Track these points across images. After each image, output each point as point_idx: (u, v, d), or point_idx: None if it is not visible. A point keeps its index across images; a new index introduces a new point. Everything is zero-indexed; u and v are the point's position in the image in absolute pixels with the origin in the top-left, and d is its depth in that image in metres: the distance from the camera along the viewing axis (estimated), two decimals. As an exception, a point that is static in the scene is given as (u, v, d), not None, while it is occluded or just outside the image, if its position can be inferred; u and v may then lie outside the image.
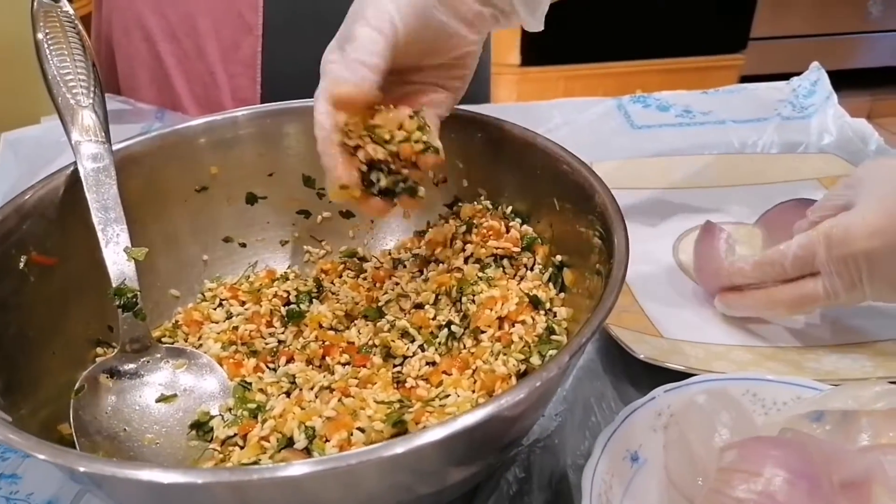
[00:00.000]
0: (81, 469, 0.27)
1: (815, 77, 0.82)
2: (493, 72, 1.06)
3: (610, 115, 0.81)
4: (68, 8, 0.48)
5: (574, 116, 0.81)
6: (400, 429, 0.35)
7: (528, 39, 1.97)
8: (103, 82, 0.47)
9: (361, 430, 0.35)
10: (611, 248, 0.37)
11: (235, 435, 0.37)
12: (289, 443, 0.35)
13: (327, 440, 0.35)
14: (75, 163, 0.43)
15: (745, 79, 2.04)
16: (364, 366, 0.42)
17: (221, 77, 0.93)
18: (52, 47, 0.46)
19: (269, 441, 0.35)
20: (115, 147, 0.45)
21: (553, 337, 0.40)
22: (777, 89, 0.85)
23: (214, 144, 0.49)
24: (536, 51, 1.99)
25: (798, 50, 2.07)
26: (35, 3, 0.47)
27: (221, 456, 0.36)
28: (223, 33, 0.92)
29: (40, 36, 0.46)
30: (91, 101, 0.45)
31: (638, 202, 0.64)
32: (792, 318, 0.49)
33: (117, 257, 0.41)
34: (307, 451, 0.35)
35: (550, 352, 0.39)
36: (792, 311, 0.47)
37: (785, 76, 0.87)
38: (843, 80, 0.95)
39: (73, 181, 0.43)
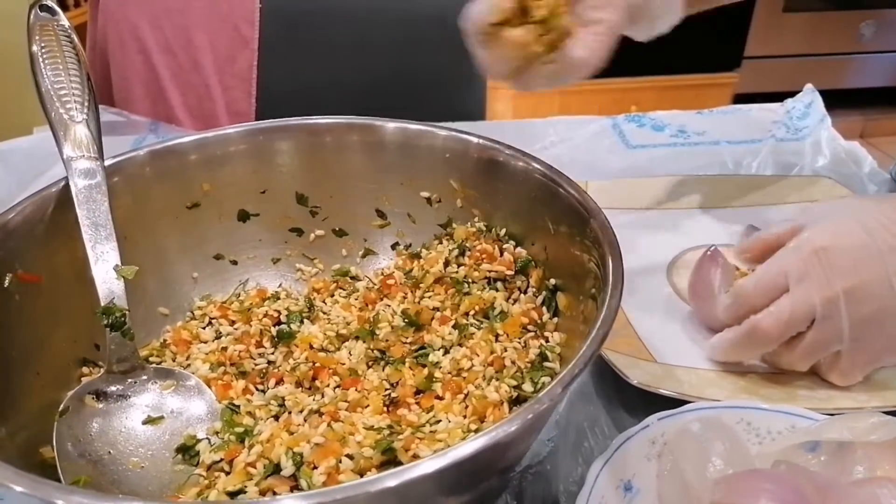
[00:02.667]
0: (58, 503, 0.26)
1: (809, 99, 0.83)
2: (490, 86, 1.06)
3: (605, 133, 0.82)
4: (65, 21, 0.48)
5: (569, 134, 0.81)
6: (389, 456, 0.35)
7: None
8: (98, 93, 0.47)
9: (350, 457, 0.34)
10: (605, 275, 0.37)
11: (222, 460, 0.37)
12: (275, 469, 0.35)
13: (315, 467, 0.34)
14: (64, 178, 0.43)
15: (739, 97, 2.07)
16: (354, 388, 0.42)
17: (216, 90, 0.93)
18: (46, 60, 0.45)
19: (255, 467, 0.35)
20: (106, 163, 0.44)
21: (546, 364, 0.40)
22: (771, 111, 0.85)
23: (207, 161, 0.49)
24: (532, 66, 1.99)
25: (791, 69, 2.08)
26: (32, 16, 0.47)
27: (207, 482, 0.36)
28: (219, 47, 0.92)
29: (35, 49, 0.45)
30: (85, 116, 0.45)
31: (632, 222, 0.64)
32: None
33: (106, 275, 0.41)
34: (294, 479, 0.34)
35: (543, 379, 0.39)
36: (768, 338, 0.45)
37: (778, 95, 0.88)
38: (836, 100, 0.95)
39: (62, 197, 0.43)
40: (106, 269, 0.41)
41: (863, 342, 0.43)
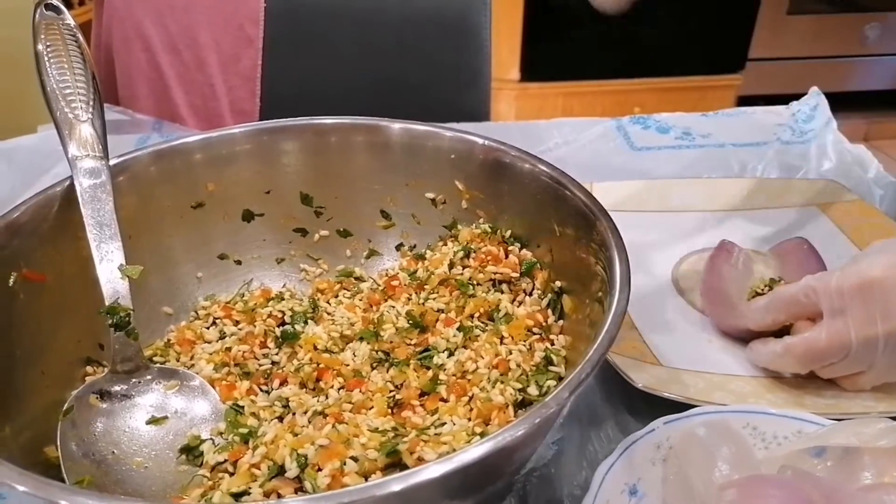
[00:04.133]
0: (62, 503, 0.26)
1: (815, 102, 0.82)
2: (493, 87, 1.06)
3: (609, 135, 0.81)
4: (70, 20, 0.48)
5: (573, 136, 0.81)
6: (394, 458, 0.34)
7: (528, 55, 1.98)
8: (102, 92, 0.47)
9: (355, 458, 0.34)
10: (612, 278, 0.36)
11: (226, 461, 0.36)
12: (280, 471, 0.34)
13: (319, 469, 0.34)
14: (69, 177, 0.43)
15: (743, 99, 2.07)
16: (359, 389, 0.41)
17: (221, 89, 0.93)
18: (51, 59, 0.45)
19: (259, 468, 0.35)
20: (111, 162, 0.44)
21: (551, 367, 0.40)
22: (776, 113, 0.85)
23: (211, 161, 0.49)
24: (536, 67, 1.99)
25: (795, 72, 2.08)
26: (37, 14, 0.47)
27: (210, 483, 0.36)
28: (224, 45, 0.92)
29: (40, 47, 0.45)
30: (90, 115, 0.45)
31: (637, 225, 0.63)
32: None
33: (111, 275, 0.41)
34: (298, 480, 0.34)
35: (548, 382, 0.39)
36: (802, 362, 0.44)
37: (782, 97, 0.88)
38: (840, 103, 0.95)
39: (67, 196, 0.42)
40: (111, 269, 0.41)
41: (889, 375, 0.43)
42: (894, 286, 0.41)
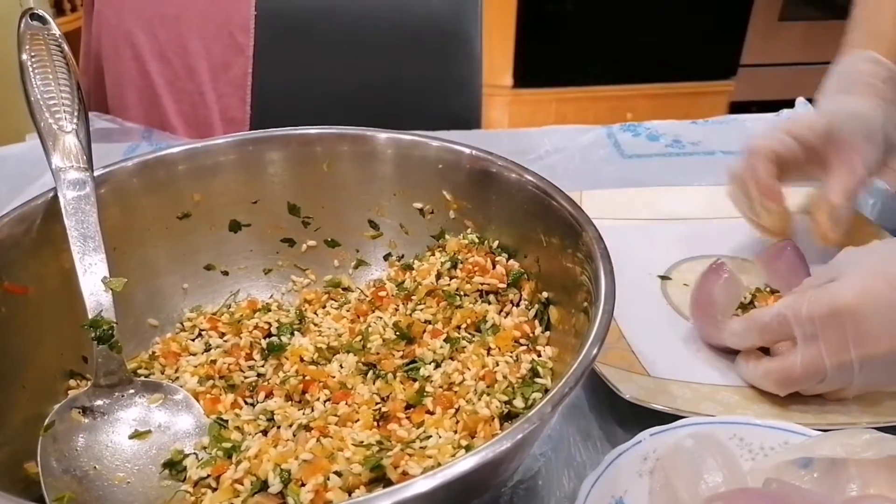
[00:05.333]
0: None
1: (804, 111, 0.83)
2: (486, 93, 1.06)
3: (600, 143, 0.81)
4: (56, 30, 0.48)
5: (564, 144, 0.81)
6: (378, 473, 0.34)
7: (520, 62, 1.98)
8: (91, 100, 0.47)
9: (339, 473, 0.34)
10: (597, 290, 0.36)
11: (209, 476, 0.36)
12: (263, 486, 0.34)
13: (303, 484, 0.34)
14: (53, 189, 0.42)
15: (735, 105, 2.08)
16: (345, 402, 0.41)
17: (211, 97, 0.93)
18: (36, 69, 0.45)
19: (242, 484, 0.34)
20: (95, 173, 0.44)
21: (537, 379, 0.39)
22: (766, 121, 0.85)
23: (198, 171, 0.49)
24: (529, 73, 2.00)
25: (787, 78, 2.09)
26: (22, 24, 0.47)
27: (193, 499, 0.35)
28: (214, 54, 0.92)
29: (25, 57, 0.45)
30: (74, 126, 0.44)
31: (627, 233, 0.64)
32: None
33: (94, 288, 0.40)
34: (281, 496, 0.34)
35: (534, 395, 0.38)
36: (780, 387, 0.44)
37: (774, 103, 0.88)
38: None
39: (51, 208, 0.42)
40: (94, 282, 0.41)
41: (870, 388, 0.43)
42: (865, 313, 0.40)
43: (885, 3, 0.57)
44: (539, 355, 0.42)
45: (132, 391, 0.40)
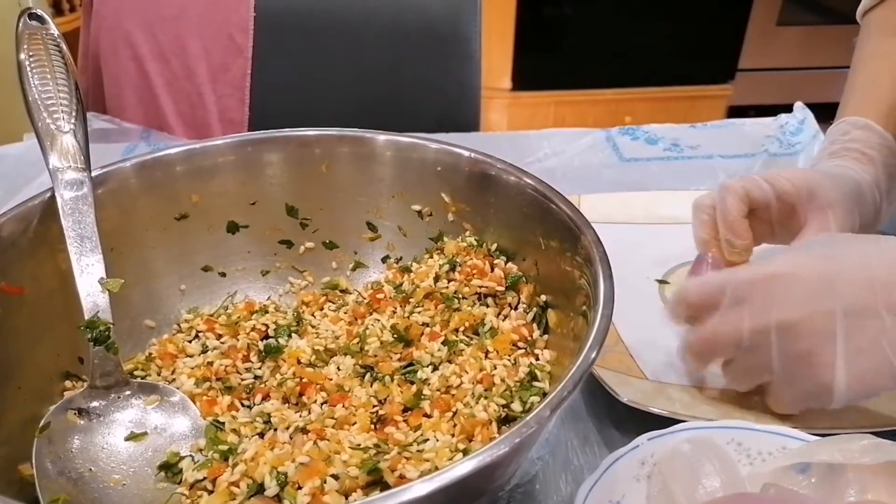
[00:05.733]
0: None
1: (802, 116, 0.83)
2: (484, 96, 1.06)
3: (599, 146, 0.81)
4: (54, 30, 0.47)
5: (563, 147, 0.81)
6: (375, 476, 0.34)
7: (519, 65, 1.99)
8: (90, 100, 0.47)
9: (335, 476, 0.34)
10: (596, 293, 0.36)
11: (205, 479, 0.36)
12: (259, 489, 0.34)
13: (299, 487, 0.33)
14: (50, 189, 0.42)
15: (733, 109, 2.08)
16: (342, 404, 0.41)
17: (209, 98, 0.93)
18: (34, 69, 0.45)
19: (238, 487, 0.34)
20: (93, 174, 0.44)
21: (535, 383, 0.39)
22: (764, 125, 0.85)
23: (195, 172, 0.48)
24: (527, 76, 2.00)
25: (785, 82, 2.10)
26: (20, 24, 0.46)
27: (189, 501, 0.35)
28: (213, 55, 0.92)
29: (23, 57, 0.45)
30: (72, 126, 0.44)
31: (625, 236, 0.63)
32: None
33: (91, 288, 0.40)
34: (278, 499, 0.33)
35: (532, 398, 0.38)
36: (699, 356, 0.45)
37: (772, 108, 0.88)
38: (829, 114, 0.96)
39: (47, 208, 0.42)
40: (91, 282, 0.40)
41: (793, 380, 0.41)
42: (795, 278, 0.40)
43: (881, 70, 0.56)
44: (537, 359, 0.42)
45: (128, 393, 0.40)
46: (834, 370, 0.39)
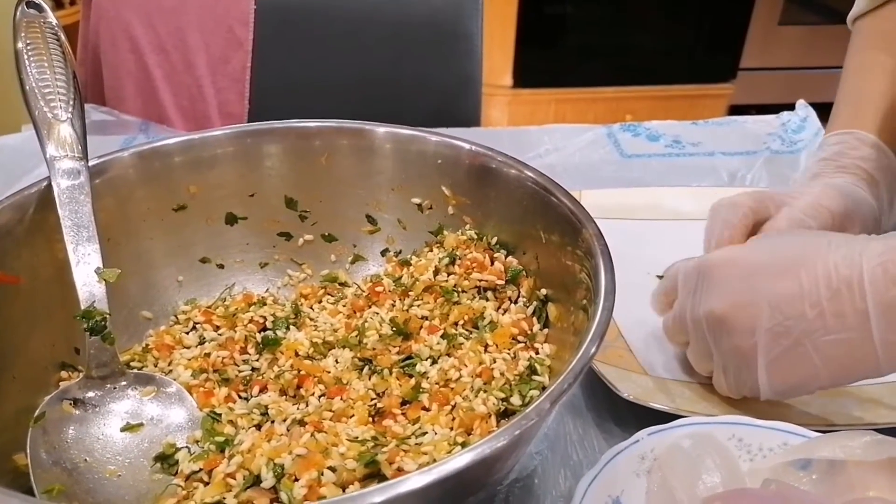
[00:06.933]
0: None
1: (805, 114, 0.83)
2: (485, 92, 1.06)
3: (600, 142, 0.81)
4: (52, 18, 0.47)
5: (564, 143, 0.81)
6: (373, 469, 0.34)
7: (520, 62, 1.98)
8: (89, 92, 0.46)
9: (332, 469, 0.33)
10: (597, 286, 0.36)
11: (201, 470, 0.36)
12: (255, 481, 0.34)
13: (296, 479, 0.33)
14: (47, 178, 0.42)
15: (734, 108, 2.08)
16: (340, 397, 0.41)
17: (209, 91, 0.92)
18: (32, 58, 0.45)
19: (234, 478, 0.34)
20: (91, 163, 0.43)
21: (535, 377, 0.39)
22: (766, 122, 0.85)
23: (194, 163, 0.48)
24: (528, 73, 2.00)
25: (786, 82, 2.09)
26: (18, 12, 0.46)
27: (185, 492, 0.35)
28: (213, 47, 0.91)
29: (20, 45, 0.44)
30: (69, 115, 0.44)
31: (626, 233, 0.63)
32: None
33: (87, 278, 0.40)
34: (274, 491, 0.33)
35: (531, 392, 0.38)
36: (669, 341, 0.48)
37: (773, 107, 0.88)
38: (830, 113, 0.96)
39: (44, 197, 0.42)
40: (87, 272, 0.40)
41: (727, 368, 0.42)
42: (732, 267, 0.41)
43: (868, 82, 0.56)
44: (537, 353, 0.41)
45: (124, 383, 0.40)
46: (756, 365, 0.40)
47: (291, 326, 0.46)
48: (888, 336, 0.36)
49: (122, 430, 0.38)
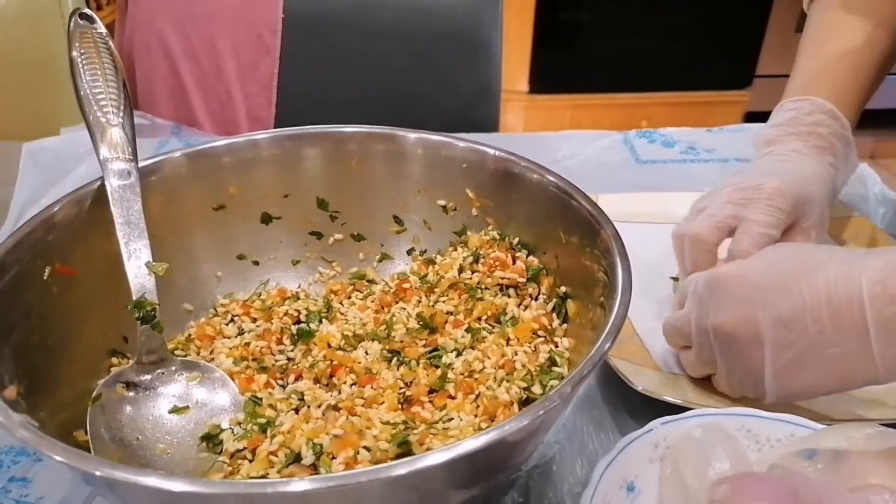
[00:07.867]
0: (98, 473, 0.29)
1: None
2: (503, 98, 1.08)
3: (616, 148, 0.83)
4: (102, 28, 0.50)
5: (580, 149, 0.83)
6: (404, 449, 0.36)
7: (537, 68, 2.00)
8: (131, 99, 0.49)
9: (367, 448, 0.36)
10: (614, 284, 0.38)
11: (245, 448, 0.38)
12: (296, 458, 0.36)
13: (334, 457, 0.36)
14: (101, 178, 0.45)
15: (750, 115, 2.09)
16: (370, 386, 0.43)
17: (238, 96, 0.96)
18: (85, 66, 0.48)
19: (277, 456, 0.37)
20: (141, 164, 0.46)
21: (555, 368, 0.41)
22: (780, 130, 0.86)
23: (235, 165, 0.51)
24: (545, 79, 2.02)
25: (802, 89, 2.09)
26: (72, 23, 0.49)
27: (230, 468, 0.37)
28: (242, 54, 0.95)
29: (75, 54, 0.48)
30: (120, 119, 0.47)
31: (641, 236, 0.65)
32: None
33: (139, 271, 0.43)
34: (314, 467, 0.36)
35: (552, 382, 0.40)
36: (667, 341, 0.50)
37: (788, 115, 0.89)
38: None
39: (99, 196, 0.45)
40: (138, 265, 0.43)
41: (732, 375, 0.45)
42: (740, 283, 0.43)
43: (826, 45, 0.58)
44: (556, 346, 0.44)
45: (172, 369, 0.43)
46: (763, 375, 0.42)
47: (324, 320, 0.49)
48: (887, 350, 0.39)
49: (171, 411, 0.41)
